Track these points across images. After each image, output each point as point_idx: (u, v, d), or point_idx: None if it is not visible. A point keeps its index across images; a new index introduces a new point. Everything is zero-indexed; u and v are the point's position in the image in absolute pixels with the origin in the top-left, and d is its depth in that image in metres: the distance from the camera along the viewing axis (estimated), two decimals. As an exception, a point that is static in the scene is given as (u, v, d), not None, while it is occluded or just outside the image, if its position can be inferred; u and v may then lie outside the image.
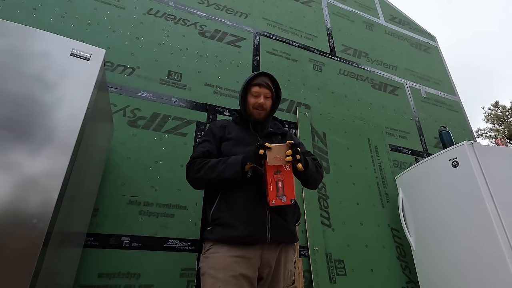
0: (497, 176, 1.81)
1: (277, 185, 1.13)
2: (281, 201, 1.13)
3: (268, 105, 1.39)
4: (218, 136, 1.34)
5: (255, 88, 1.37)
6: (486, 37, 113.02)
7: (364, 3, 3.86)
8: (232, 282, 1.06)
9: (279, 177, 1.14)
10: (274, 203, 1.12)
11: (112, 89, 1.92)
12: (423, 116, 3.28)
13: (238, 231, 1.12)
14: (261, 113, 1.37)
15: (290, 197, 1.14)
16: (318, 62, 2.96)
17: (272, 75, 1.42)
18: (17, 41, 1.01)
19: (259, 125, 1.39)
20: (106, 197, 1.66)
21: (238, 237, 1.12)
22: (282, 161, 1.12)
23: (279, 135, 1.44)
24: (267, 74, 1.41)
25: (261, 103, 1.35)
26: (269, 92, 1.38)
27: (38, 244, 0.80)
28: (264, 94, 1.37)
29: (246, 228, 1.13)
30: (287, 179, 1.14)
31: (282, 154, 1.12)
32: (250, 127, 1.38)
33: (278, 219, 1.18)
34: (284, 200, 1.13)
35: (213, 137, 1.34)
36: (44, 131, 0.93)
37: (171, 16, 2.43)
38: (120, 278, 1.52)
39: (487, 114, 18.22)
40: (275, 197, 1.12)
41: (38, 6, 1.97)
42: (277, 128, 1.48)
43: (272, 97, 1.40)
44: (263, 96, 1.36)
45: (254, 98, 1.37)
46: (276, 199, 1.12)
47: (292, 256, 1.25)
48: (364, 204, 2.37)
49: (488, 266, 1.64)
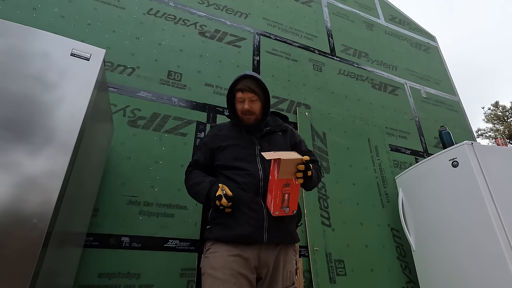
0: (497, 176, 1.81)
1: (284, 197, 1.11)
2: (284, 212, 1.13)
3: (256, 108, 1.33)
4: (209, 147, 1.36)
5: (239, 93, 1.32)
6: (485, 37, 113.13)
7: (364, 3, 3.86)
8: (231, 281, 1.07)
9: (287, 189, 1.11)
10: (278, 214, 1.12)
11: (112, 89, 1.92)
12: (423, 116, 3.28)
13: (236, 230, 1.14)
14: (251, 118, 1.33)
15: (293, 208, 1.14)
16: (318, 62, 2.96)
17: (256, 76, 1.34)
18: (17, 41, 1.01)
19: (252, 128, 1.36)
20: (106, 197, 1.65)
21: (235, 236, 1.13)
22: (293, 176, 1.08)
23: (279, 132, 1.40)
24: (250, 76, 1.33)
25: (246, 109, 1.30)
26: (254, 95, 1.31)
27: (38, 244, 0.80)
28: (249, 99, 1.30)
29: (243, 227, 1.14)
30: (293, 192, 1.13)
31: (294, 168, 1.07)
32: (243, 131, 1.35)
33: (276, 220, 1.18)
34: (287, 212, 1.13)
35: (205, 147, 1.38)
36: (44, 131, 0.92)
37: (171, 16, 2.43)
38: (120, 278, 1.52)
39: (487, 114, 18.22)
40: (279, 208, 1.12)
41: (38, 6, 1.97)
42: (277, 125, 1.43)
43: (260, 99, 1.33)
44: (247, 101, 1.30)
45: (240, 104, 1.33)
46: (280, 210, 1.12)
47: (292, 256, 1.24)
48: (364, 204, 2.37)
49: (488, 266, 1.64)
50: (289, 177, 1.09)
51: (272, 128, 1.39)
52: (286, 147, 1.37)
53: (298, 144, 1.42)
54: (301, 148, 1.40)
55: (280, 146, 1.33)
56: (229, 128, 1.40)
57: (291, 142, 1.40)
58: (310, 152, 1.43)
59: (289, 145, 1.39)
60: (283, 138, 1.39)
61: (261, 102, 1.34)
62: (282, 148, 1.33)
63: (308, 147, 2.40)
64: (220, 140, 1.34)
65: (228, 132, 1.37)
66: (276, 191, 1.10)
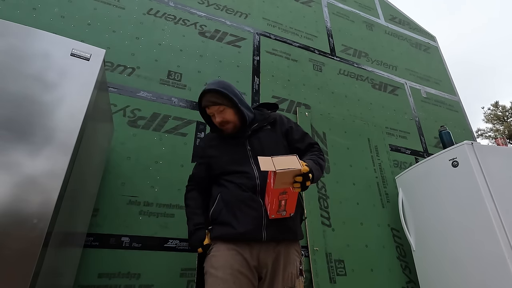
0: (497, 176, 1.81)
1: (280, 203, 1.10)
2: (280, 215, 1.12)
3: (229, 116, 1.29)
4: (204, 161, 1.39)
5: (207, 110, 1.33)
6: (485, 35, 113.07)
7: (364, 3, 3.86)
8: (231, 280, 1.07)
9: (284, 197, 1.08)
10: (274, 217, 1.12)
11: (112, 89, 1.92)
12: (423, 116, 3.28)
13: (234, 228, 1.14)
14: (229, 127, 1.31)
15: (290, 211, 1.14)
16: (318, 62, 2.96)
17: (214, 87, 1.28)
18: (17, 41, 1.01)
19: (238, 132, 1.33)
20: (106, 197, 1.65)
21: (234, 235, 1.14)
22: (290, 185, 1.02)
23: (267, 126, 1.37)
24: (209, 90, 1.28)
25: (218, 122, 1.30)
26: (220, 106, 1.28)
27: (38, 244, 0.80)
28: (216, 111, 1.29)
29: (242, 226, 1.14)
30: (291, 198, 1.10)
31: (291, 179, 1.01)
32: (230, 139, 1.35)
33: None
34: (284, 215, 1.13)
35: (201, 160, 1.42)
36: (44, 131, 0.92)
37: (171, 16, 2.43)
38: (120, 278, 1.52)
39: (487, 114, 18.22)
40: (275, 212, 1.11)
41: (38, 6, 1.97)
42: (263, 118, 1.38)
43: (229, 106, 1.29)
44: (216, 115, 1.29)
45: (213, 117, 1.33)
46: (276, 213, 1.12)
47: (294, 257, 1.21)
48: (364, 204, 2.37)
49: (488, 266, 1.64)
50: (285, 186, 1.03)
51: (259, 124, 1.36)
52: (277, 140, 1.34)
53: (290, 131, 1.37)
54: (293, 136, 1.36)
55: (270, 142, 1.31)
56: (218, 137, 1.40)
57: (282, 132, 1.37)
58: (306, 136, 1.38)
59: (281, 135, 1.36)
60: (272, 132, 1.35)
61: (231, 108, 1.30)
62: (272, 143, 1.31)
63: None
64: (212, 151, 1.36)
65: (218, 141, 1.38)
66: (272, 198, 1.08)
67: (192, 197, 1.38)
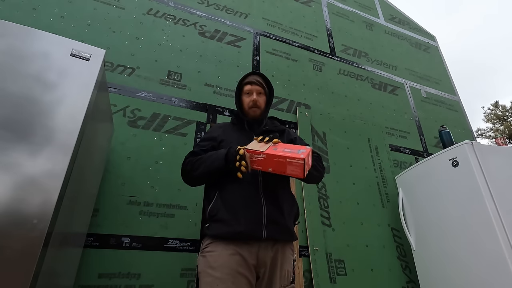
0: (497, 176, 1.81)
1: (285, 153, 1.05)
2: (305, 153, 1.04)
3: (262, 102, 1.43)
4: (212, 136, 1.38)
5: (247, 86, 1.42)
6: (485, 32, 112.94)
7: (364, 3, 3.86)
8: (230, 280, 1.06)
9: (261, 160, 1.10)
10: (303, 156, 1.02)
11: (112, 89, 1.92)
12: (423, 116, 3.28)
13: (234, 227, 1.13)
14: (256, 111, 1.41)
15: (301, 148, 1.08)
16: (318, 62, 2.96)
17: (263, 73, 1.47)
18: (17, 41, 1.01)
19: (255, 123, 1.42)
20: (106, 197, 1.65)
21: (233, 233, 1.12)
22: (261, 151, 1.09)
23: (276, 132, 1.44)
24: (258, 72, 1.47)
25: (254, 100, 1.39)
26: (261, 89, 1.42)
27: (38, 245, 0.80)
28: (256, 91, 1.41)
29: (242, 224, 1.13)
30: (281, 146, 1.11)
31: (257, 147, 1.12)
32: (246, 125, 1.41)
33: (275, 214, 1.18)
34: (304, 150, 1.06)
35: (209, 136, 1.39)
36: (44, 131, 0.92)
37: (171, 16, 2.43)
38: (120, 278, 1.52)
39: (487, 114, 18.22)
40: (295, 156, 1.03)
41: (38, 7, 1.97)
42: (274, 126, 1.49)
43: (265, 94, 1.44)
44: (255, 93, 1.40)
45: (247, 96, 1.41)
46: (298, 154, 1.03)
47: (289, 256, 1.23)
48: (364, 204, 2.37)
49: (488, 266, 1.64)
50: (260, 157, 1.10)
51: (269, 127, 1.45)
52: None
53: (294, 141, 1.45)
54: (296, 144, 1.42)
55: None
56: (229, 126, 1.46)
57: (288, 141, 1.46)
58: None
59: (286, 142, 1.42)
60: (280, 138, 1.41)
61: (266, 97, 1.45)
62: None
63: (308, 147, 2.42)
64: (221, 133, 1.38)
65: (229, 127, 1.44)
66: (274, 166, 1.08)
67: (197, 154, 1.31)
